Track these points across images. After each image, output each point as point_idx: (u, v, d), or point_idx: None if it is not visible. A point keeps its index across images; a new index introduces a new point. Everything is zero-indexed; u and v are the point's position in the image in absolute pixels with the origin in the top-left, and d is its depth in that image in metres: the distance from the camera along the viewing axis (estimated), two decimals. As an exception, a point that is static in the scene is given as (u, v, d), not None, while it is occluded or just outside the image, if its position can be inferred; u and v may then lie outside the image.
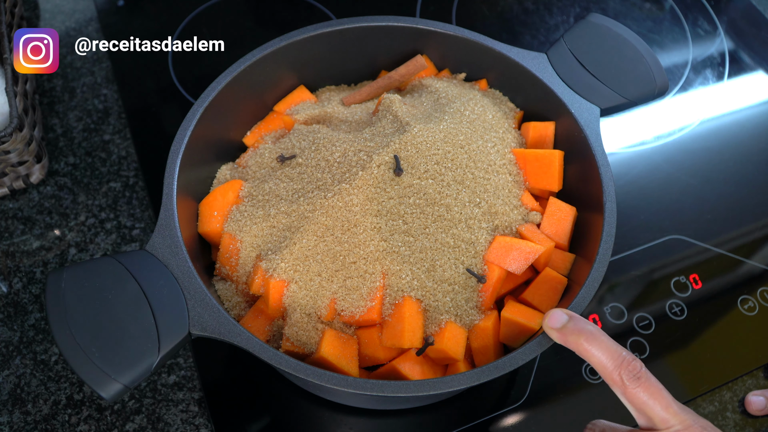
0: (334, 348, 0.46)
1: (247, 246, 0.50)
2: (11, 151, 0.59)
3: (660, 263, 0.64)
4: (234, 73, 0.54)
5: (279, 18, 0.80)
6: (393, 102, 0.54)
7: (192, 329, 0.43)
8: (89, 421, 0.54)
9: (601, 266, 0.46)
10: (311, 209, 0.48)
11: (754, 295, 0.63)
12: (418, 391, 0.41)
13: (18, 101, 0.59)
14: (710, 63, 0.80)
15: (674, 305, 0.62)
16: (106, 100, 0.72)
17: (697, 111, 0.76)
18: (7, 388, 0.55)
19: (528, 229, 0.51)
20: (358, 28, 0.57)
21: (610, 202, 0.49)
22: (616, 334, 0.60)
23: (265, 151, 0.55)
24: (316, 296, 0.48)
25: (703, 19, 0.84)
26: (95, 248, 0.62)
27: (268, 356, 0.42)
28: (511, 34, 0.80)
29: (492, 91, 0.60)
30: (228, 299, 0.51)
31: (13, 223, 0.63)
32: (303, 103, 0.60)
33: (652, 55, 0.54)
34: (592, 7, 0.84)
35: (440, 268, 0.48)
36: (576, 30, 0.57)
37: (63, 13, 0.78)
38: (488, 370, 0.42)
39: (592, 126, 0.53)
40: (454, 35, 0.57)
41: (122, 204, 0.65)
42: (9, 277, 0.60)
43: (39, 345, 0.57)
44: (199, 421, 0.55)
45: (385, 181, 0.49)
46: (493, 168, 0.52)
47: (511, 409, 0.56)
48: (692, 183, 0.70)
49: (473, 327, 0.48)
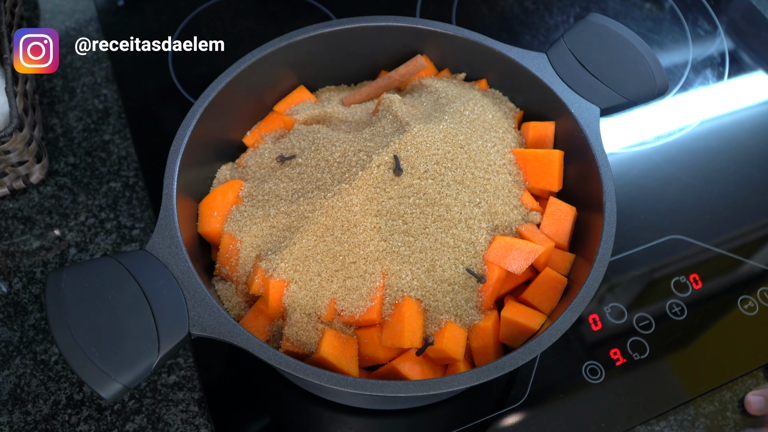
0: (334, 348, 0.46)
1: (247, 246, 0.50)
2: (11, 151, 0.59)
3: (660, 263, 0.64)
4: (234, 73, 0.54)
5: (279, 18, 0.80)
6: (393, 102, 0.54)
7: (192, 329, 0.43)
8: (89, 421, 0.54)
9: (601, 266, 0.46)
10: (311, 209, 0.48)
11: (754, 295, 0.63)
12: (418, 391, 0.41)
13: (18, 101, 0.59)
14: (710, 63, 0.80)
15: (674, 305, 0.62)
16: (106, 100, 0.72)
17: (697, 111, 0.76)
18: (7, 388, 0.55)
19: (528, 229, 0.51)
20: (358, 28, 0.57)
21: (610, 202, 0.49)
22: (616, 334, 0.60)
23: (265, 151, 0.55)
24: (316, 296, 0.48)
25: (703, 19, 0.84)
26: (95, 248, 0.62)
27: (268, 356, 0.42)
28: (511, 34, 0.80)
29: (492, 91, 0.60)
30: (228, 299, 0.51)
31: (13, 223, 0.63)
32: (303, 103, 0.60)
33: (652, 55, 0.54)
34: (592, 7, 0.84)
35: (440, 268, 0.48)
36: (576, 30, 0.57)
37: (63, 13, 0.78)
38: (488, 370, 0.42)
39: (592, 126, 0.53)
40: (454, 35, 0.57)
41: (122, 204, 0.65)
42: (9, 277, 0.60)
43: (39, 345, 0.57)
44: (199, 421, 0.55)
45: (384, 181, 0.49)
46: (493, 168, 0.52)
47: (511, 409, 0.56)
48: (692, 183, 0.70)
49: (473, 327, 0.48)
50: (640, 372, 0.58)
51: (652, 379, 0.58)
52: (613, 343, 0.59)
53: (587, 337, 0.60)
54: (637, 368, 0.58)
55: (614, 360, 0.58)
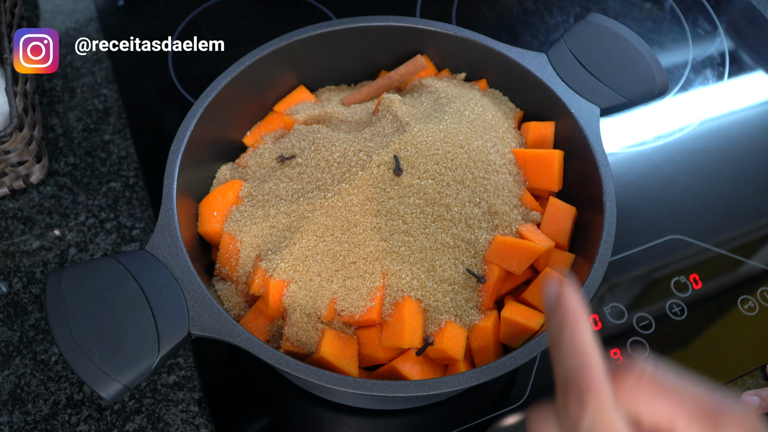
0: (334, 348, 0.46)
1: (246, 246, 0.50)
2: (11, 151, 0.59)
3: (660, 263, 0.64)
4: (234, 73, 0.54)
5: (279, 18, 0.80)
6: (393, 102, 0.54)
7: (192, 329, 0.43)
8: (89, 421, 0.54)
9: (601, 266, 0.46)
10: (311, 209, 0.48)
11: (754, 295, 0.63)
12: (418, 391, 0.41)
13: (18, 101, 0.59)
14: (710, 63, 0.80)
15: (674, 305, 0.62)
16: (106, 100, 0.72)
17: (697, 111, 0.76)
18: (7, 388, 0.55)
19: (528, 229, 0.51)
20: (358, 28, 0.57)
21: (610, 202, 0.49)
22: (616, 334, 0.60)
23: (265, 151, 0.55)
24: (316, 296, 0.48)
25: (703, 19, 0.84)
26: (95, 248, 0.62)
27: (268, 356, 0.42)
28: (511, 34, 0.80)
29: (492, 91, 0.60)
30: (228, 299, 0.51)
31: (13, 223, 0.63)
32: (303, 103, 0.60)
33: (652, 55, 0.54)
34: (592, 7, 0.84)
35: (440, 268, 0.48)
36: (576, 30, 0.57)
37: (63, 13, 0.78)
38: (488, 370, 0.42)
39: (592, 126, 0.53)
40: (454, 35, 0.57)
41: (122, 204, 0.65)
42: (9, 277, 0.60)
43: (39, 345, 0.57)
44: (199, 421, 0.55)
45: (384, 181, 0.49)
46: (493, 168, 0.52)
47: (511, 409, 0.56)
48: (692, 183, 0.70)
49: (473, 327, 0.48)
50: (640, 372, 0.58)
51: (652, 379, 0.58)
52: (613, 343, 0.59)
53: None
54: (637, 368, 0.58)
55: (614, 360, 0.58)
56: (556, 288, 0.31)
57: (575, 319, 0.29)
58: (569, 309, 0.30)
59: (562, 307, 0.30)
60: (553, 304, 0.30)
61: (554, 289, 0.31)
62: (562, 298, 0.30)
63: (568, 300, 0.30)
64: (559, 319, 0.30)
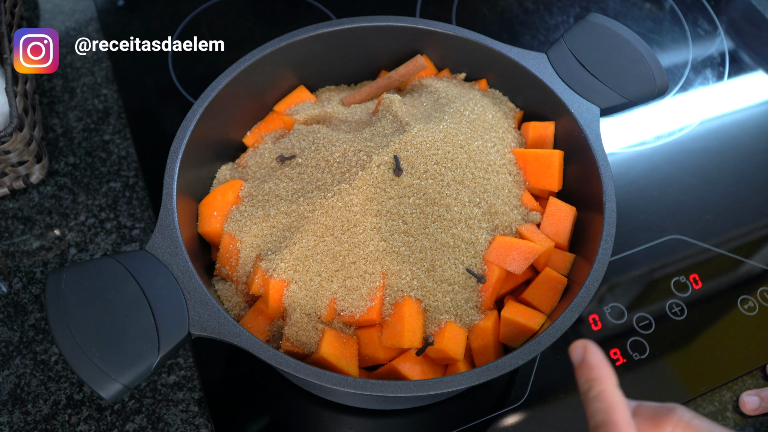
0: (334, 348, 0.46)
1: (247, 246, 0.50)
2: (11, 151, 0.59)
3: (660, 263, 0.64)
4: (234, 73, 0.54)
5: (279, 18, 0.80)
6: (393, 102, 0.54)
7: (192, 329, 0.43)
8: (89, 421, 0.54)
9: (601, 266, 0.46)
10: (311, 209, 0.48)
11: (754, 295, 0.63)
12: (418, 391, 0.41)
13: (18, 101, 0.59)
14: (710, 63, 0.80)
15: (674, 305, 0.62)
16: (106, 100, 0.72)
17: (697, 111, 0.76)
18: (7, 388, 0.55)
19: (528, 229, 0.51)
20: (358, 28, 0.57)
21: (610, 202, 0.49)
22: (616, 334, 0.60)
23: (265, 151, 0.55)
24: (316, 296, 0.48)
25: (703, 19, 0.84)
26: (95, 248, 0.62)
27: (268, 356, 0.42)
28: (511, 34, 0.80)
29: (492, 91, 0.60)
30: (228, 299, 0.51)
31: (13, 223, 0.63)
32: (303, 103, 0.60)
33: (652, 55, 0.54)
34: (592, 7, 0.84)
35: (440, 268, 0.48)
36: (576, 30, 0.57)
37: (63, 13, 0.78)
38: (488, 370, 0.42)
39: (592, 126, 0.53)
40: (454, 35, 0.57)
41: (122, 204, 0.65)
42: (9, 277, 0.60)
43: (39, 345, 0.57)
44: (199, 421, 0.55)
45: (384, 181, 0.49)
46: (493, 168, 0.52)
47: (511, 409, 0.56)
48: (692, 183, 0.70)
49: (473, 327, 0.48)
50: (640, 372, 0.58)
51: (652, 379, 0.58)
52: (613, 343, 0.59)
53: (587, 337, 0.60)
54: (637, 368, 0.58)
55: (614, 360, 0.58)
56: (581, 351, 0.35)
57: (600, 378, 0.34)
58: (594, 369, 0.34)
59: (588, 369, 0.34)
60: (579, 364, 0.35)
61: (580, 351, 0.35)
62: (588, 359, 0.35)
63: (593, 360, 0.34)
64: (586, 376, 0.34)
